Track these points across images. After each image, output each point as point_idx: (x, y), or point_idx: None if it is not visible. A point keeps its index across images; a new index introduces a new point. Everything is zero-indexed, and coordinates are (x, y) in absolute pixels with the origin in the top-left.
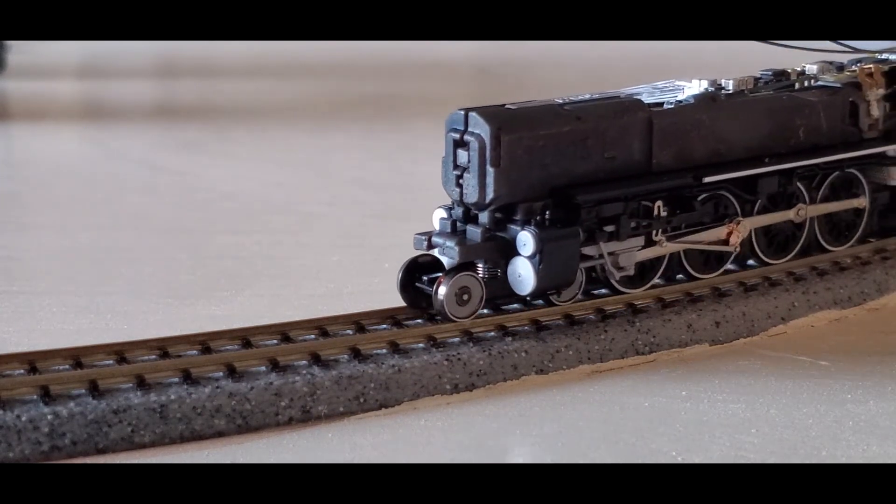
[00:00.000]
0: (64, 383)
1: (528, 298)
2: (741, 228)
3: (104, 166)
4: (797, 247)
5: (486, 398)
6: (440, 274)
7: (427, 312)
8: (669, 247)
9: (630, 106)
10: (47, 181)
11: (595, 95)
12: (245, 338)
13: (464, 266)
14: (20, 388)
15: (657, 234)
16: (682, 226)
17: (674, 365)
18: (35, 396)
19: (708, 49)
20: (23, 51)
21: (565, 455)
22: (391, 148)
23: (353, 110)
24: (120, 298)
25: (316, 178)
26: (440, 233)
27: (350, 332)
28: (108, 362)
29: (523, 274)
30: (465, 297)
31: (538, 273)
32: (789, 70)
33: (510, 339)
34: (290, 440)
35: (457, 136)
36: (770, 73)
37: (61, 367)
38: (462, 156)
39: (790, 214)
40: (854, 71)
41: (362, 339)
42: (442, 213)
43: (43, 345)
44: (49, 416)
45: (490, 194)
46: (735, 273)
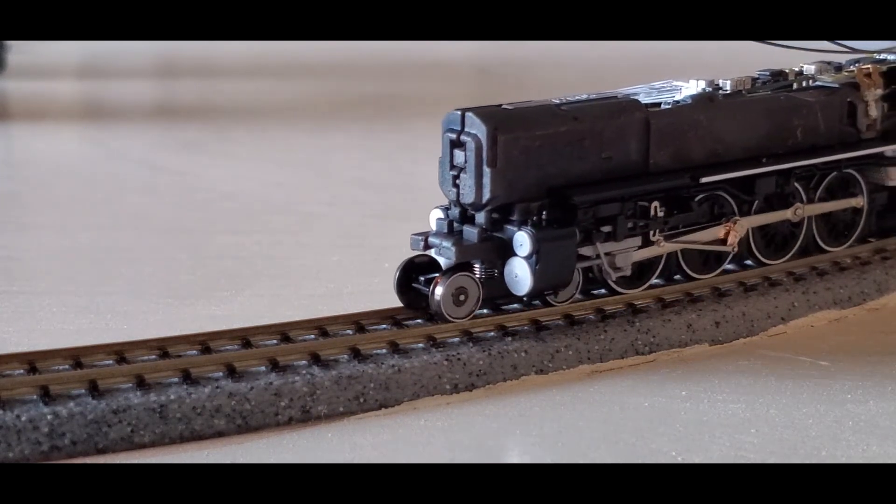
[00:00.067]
0: (64, 383)
1: (525, 299)
2: (738, 228)
3: (104, 166)
4: (795, 247)
5: (486, 398)
6: (437, 274)
7: (425, 313)
8: (667, 247)
9: (627, 106)
10: (47, 181)
11: (592, 96)
12: (245, 338)
13: (460, 266)
14: (20, 388)
15: (654, 235)
16: (680, 226)
17: (674, 365)
18: (35, 396)
19: (707, 49)
20: (23, 51)
21: (565, 455)
22: (391, 148)
23: (353, 110)
24: (120, 298)
25: (316, 178)
26: (437, 233)
27: (350, 332)
28: (108, 362)
29: (520, 274)
30: (462, 297)
31: (535, 273)
32: (787, 70)
33: (510, 339)
34: (290, 440)
35: (453, 136)
36: (768, 73)
37: (61, 367)
38: (459, 156)
39: (787, 214)
40: (852, 71)
41: (362, 339)
42: (439, 213)
43: (43, 345)
44: (49, 416)
45: (487, 195)
46: (735, 273)
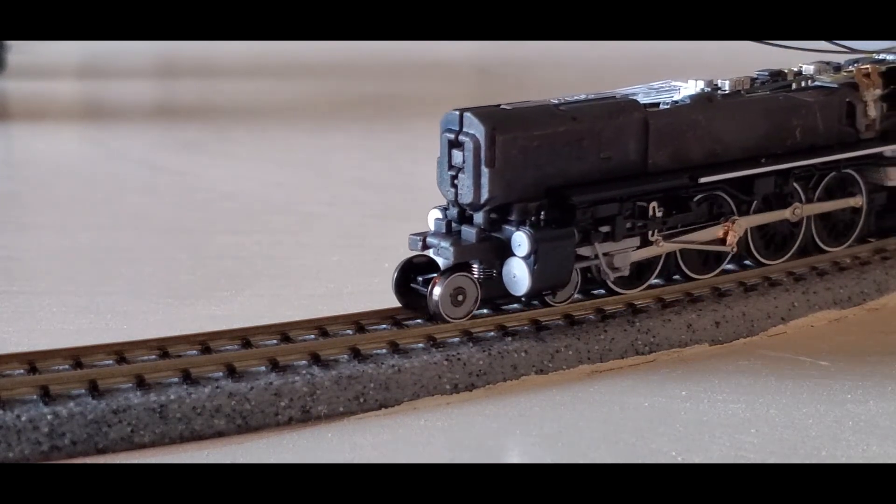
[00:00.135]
0: (64, 383)
1: (523, 299)
2: (737, 227)
3: (104, 166)
4: (794, 247)
5: (486, 398)
6: (435, 275)
7: (424, 313)
8: (665, 246)
9: (626, 106)
10: (47, 181)
11: (591, 96)
12: (245, 338)
13: (459, 267)
14: (20, 388)
15: (653, 235)
16: (678, 226)
17: (674, 365)
18: (35, 396)
19: (707, 49)
20: (23, 51)
21: (565, 455)
22: (391, 148)
23: (353, 110)
24: (120, 298)
25: (316, 178)
26: (435, 233)
27: (350, 332)
28: (107, 362)
29: (518, 274)
30: (460, 297)
31: (533, 274)
32: (786, 70)
33: (510, 339)
34: (290, 440)
35: (452, 136)
36: (766, 73)
37: (61, 367)
38: (457, 156)
39: (786, 213)
40: (851, 71)
41: (362, 339)
42: (437, 213)
43: (43, 345)
44: (49, 416)
45: (485, 195)
46: (735, 273)
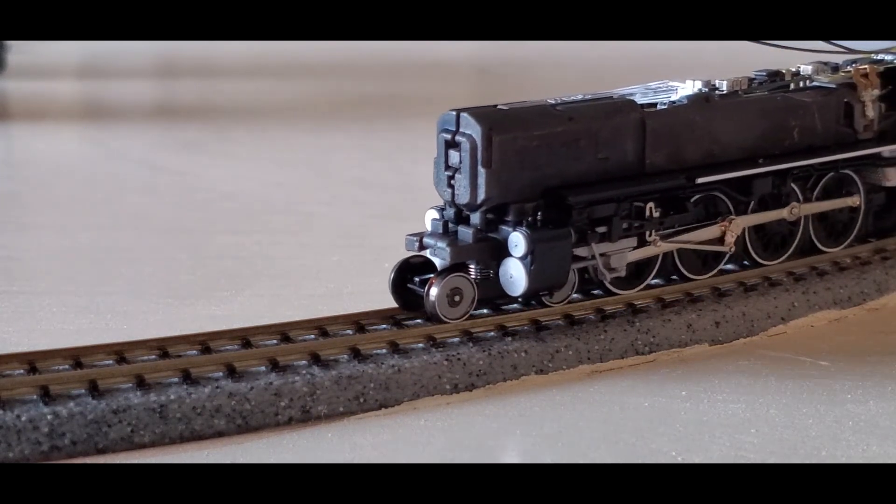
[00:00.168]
0: (64, 383)
1: (520, 300)
2: (734, 227)
3: (104, 166)
4: (792, 247)
5: (486, 398)
6: (432, 275)
7: (421, 313)
8: (663, 246)
9: (623, 107)
10: (47, 181)
11: (588, 96)
12: (245, 338)
13: (455, 267)
14: (20, 388)
15: (650, 235)
16: (675, 227)
17: (674, 365)
18: (35, 396)
19: (707, 49)
20: (23, 51)
21: (565, 455)
22: (391, 148)
23: (353, 110)
24: (120, 298)
25: (316, 178)
26: (432, 234)
27: (350, 332)
28: (107, 362)
29: (515, 275)
30: (457, 298)
31: (530, 274)
32: (784, 70)
33: (510, 339)
34: (290, 440)
35: (448, 136)
36: (764, 73)
37: (61, 367)
38: (454, 156)
39: (783, 213)
40: (849, 71)
41: (362, 339)
42: (434, 213)
43: (43, 345)
44: (49, 416)
45: (481, 195)
46: (735, 273)
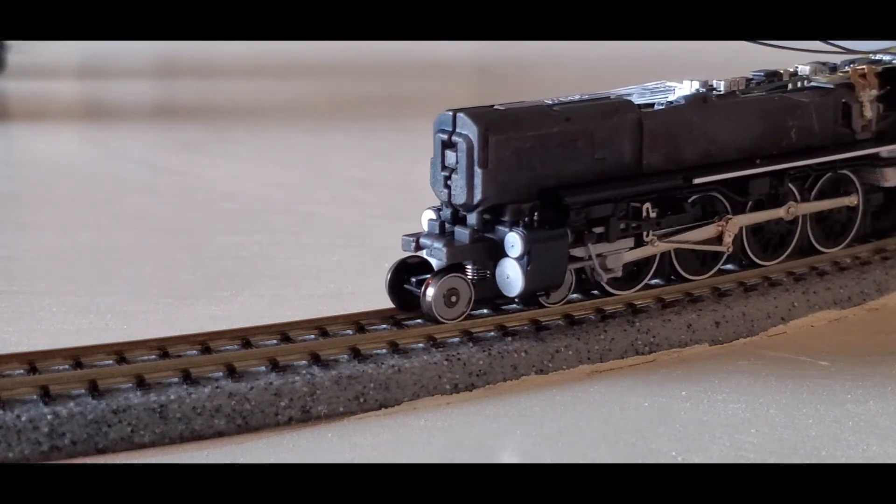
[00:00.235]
0: (64, 383)
1: (516, 301)
2: (731, 226)
3: (104, 166)
4: (789, 248)
5: (486, 398)
6: (428, 276)
7: (416, 314)
8: (660, 246)
9: (620, 107)
10: (47, 181)
11: (585, 96)
12: (245, 338)
13: (452, 268)
14: (20, 388)
15: (647, 235)
16: (673, 227)
17: (674, 365)
18: (35, 396)
19: (707, 49)
20: (23, 51)
21: (565, 455)
22: (391, 148)
23: (353, 110)
24: (120, 298)
25: (316, 178)
26: (428, 234)
27: (350, 332)
28: (107, 362)
29: (511, 275)
30: (454, 298)
31: (526, 274)
32: (782, 71)
33: (510, 339)
34: (290, 440)
35: (445, 136)
36: (762, 73)
37: (61, 367)
38: (450, 157)
39: (780, 212)
40: (847, 72)
41: (362, 339)
42: (431, 214)
43: (43, 345)
44: (49, 416)
45: (478, 195)
46: (734, 273)
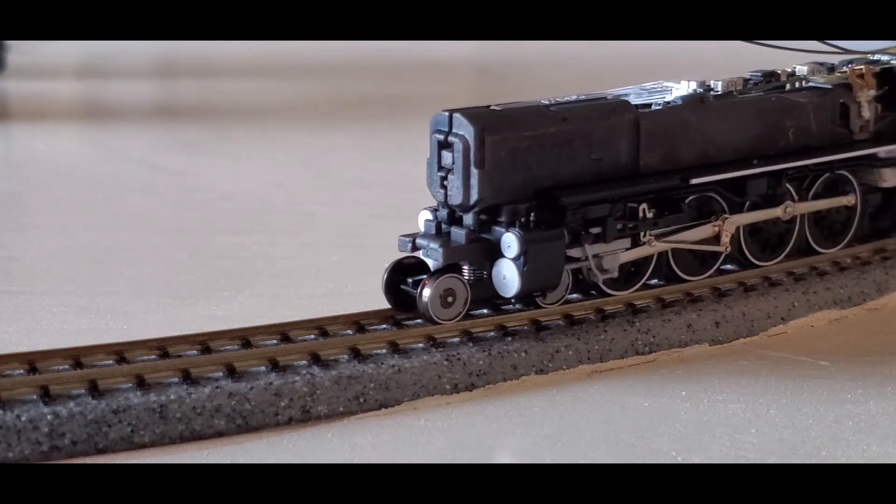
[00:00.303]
0: (64, 383)
1: (513, 301)
2: (728, 226)
3: (104, 166)
4: (787, 248)
5: (486, 398)
6: (425, 276)
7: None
8: (657, 246)
9: (617, 107)
10: (47, 181)
11: (582, 96)
12: (245, 338)
13: (448, 268)
14: (20, 388)
15: (644, 236)
16: (670, 227)
17: (674, 365)
18: (35, 396)
19: (707, 49)
20: (23, 51)
21: (565, 455)
22: (391, 148)
23: (353, 110)
24: (120, 298)
25: (316, 178)
26: (425, 234)
27: (350, 332)
28: (107, 362)
29: (508, 276)
30: (450, 299)
31: (522, 275)
32: (779, 71)
33: (510, 339)
34: (290, 440)
35: (441, 137)
36: (760, 73)
37: (61, 367)
38: (446, 157)
39: (777, 212)
40: (845, 72)
41: (362, 339)
42: (427, 214)
43: (43, 345)
44: (49, 416)
45: (474, 196)
46: (734, 273)
